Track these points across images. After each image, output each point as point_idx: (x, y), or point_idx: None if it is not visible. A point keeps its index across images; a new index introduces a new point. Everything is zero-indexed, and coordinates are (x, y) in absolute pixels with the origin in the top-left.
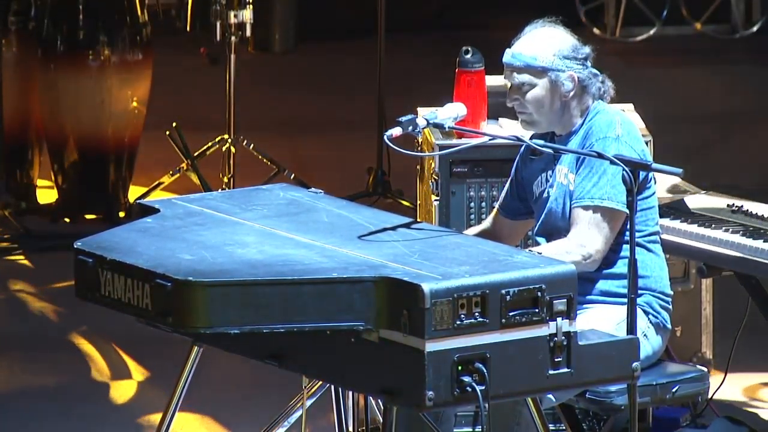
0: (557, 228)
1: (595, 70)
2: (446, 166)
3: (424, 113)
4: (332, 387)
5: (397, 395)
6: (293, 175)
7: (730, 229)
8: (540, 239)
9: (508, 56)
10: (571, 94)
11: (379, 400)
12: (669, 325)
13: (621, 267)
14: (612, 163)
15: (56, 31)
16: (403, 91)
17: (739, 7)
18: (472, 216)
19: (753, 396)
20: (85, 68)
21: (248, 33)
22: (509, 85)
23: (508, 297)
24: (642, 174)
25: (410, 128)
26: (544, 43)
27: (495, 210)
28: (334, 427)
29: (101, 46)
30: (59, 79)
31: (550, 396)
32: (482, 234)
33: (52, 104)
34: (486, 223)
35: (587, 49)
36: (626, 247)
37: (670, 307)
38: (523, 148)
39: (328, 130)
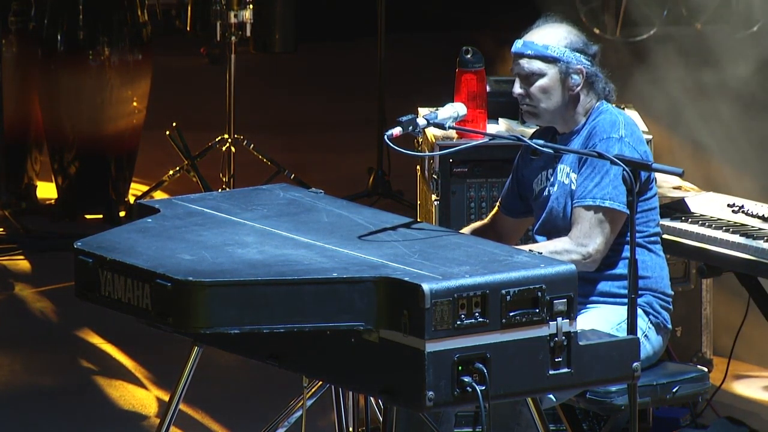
0: (557, 227)
1: (599, 71)
2: (446, 166)
3: (424, 113)
4: (332, 387)
5: (397, 395)
6: (293, 175)
7: (730, 229)
8: (540, 238)
9: (518, 45)
10: (578, 88)
11: (379, 400)
12: (669, 325)
13: (622, 268)
14: (612, 163)
15: (56, 31)
16: (403, 91)
17: (739, 7)
18: (472, 216)
19: (753, 396)
20: (85, 68)
21: (248, 33)
22: (517, 75)
23: (508, 297)
24: (644, 175)
25: (410, 128)
26: (556, 35)
27: (496, 207)
28: (334, 427)
29: (101, 46)
30: (59, 79)
31: (551, 396)
32: (483, 230)
33: (52, 104)
34: (487, 220)
35: (595, 47)
36: (627, 247)
37: (671, 307)
38: (523, 146)
39: (328, 130)
